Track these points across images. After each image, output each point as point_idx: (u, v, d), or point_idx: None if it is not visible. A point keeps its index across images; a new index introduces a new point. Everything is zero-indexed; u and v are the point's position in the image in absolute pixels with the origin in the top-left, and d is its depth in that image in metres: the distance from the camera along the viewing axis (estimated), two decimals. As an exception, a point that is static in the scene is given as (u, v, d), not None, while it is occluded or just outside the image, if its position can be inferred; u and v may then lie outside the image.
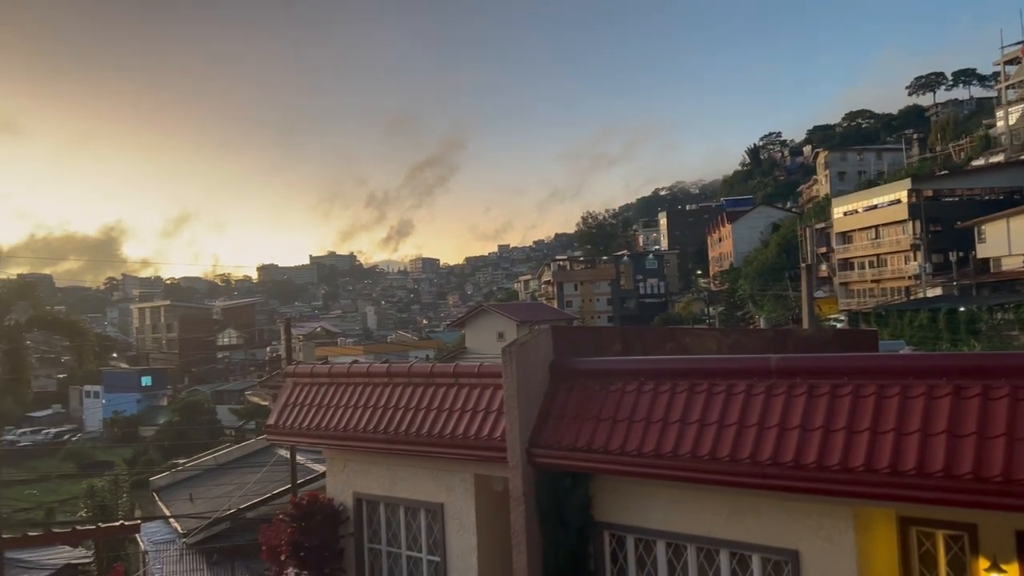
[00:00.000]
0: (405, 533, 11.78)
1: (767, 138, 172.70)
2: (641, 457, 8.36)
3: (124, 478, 40.47)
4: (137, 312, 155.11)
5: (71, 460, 65.85)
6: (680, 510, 8.54)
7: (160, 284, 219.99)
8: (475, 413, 10.41)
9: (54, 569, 22.64)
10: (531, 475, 9.37)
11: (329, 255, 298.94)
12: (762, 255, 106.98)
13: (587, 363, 9.69)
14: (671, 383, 8.61)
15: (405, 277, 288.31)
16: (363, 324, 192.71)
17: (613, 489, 9.12)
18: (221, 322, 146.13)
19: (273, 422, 13.29)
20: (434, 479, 11.21)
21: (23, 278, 17.43)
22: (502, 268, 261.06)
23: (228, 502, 21.67)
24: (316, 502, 12.60)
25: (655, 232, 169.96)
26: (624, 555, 9.17)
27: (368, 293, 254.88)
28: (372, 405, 11.73)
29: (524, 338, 9.93)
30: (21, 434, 75.59)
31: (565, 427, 9.19)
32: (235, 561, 19.83)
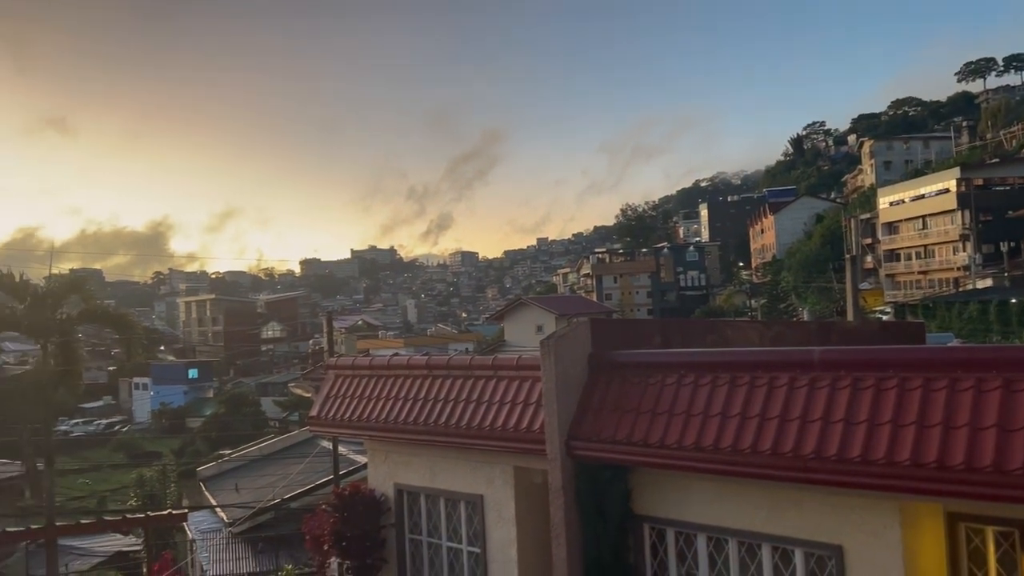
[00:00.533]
0: (445, 524, 11.88)
1: (810, 127, 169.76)
2: (681, 450, 8.31)
3: (172, 468, 41.41)
4: (184, 306, 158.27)
5: (121, 450, 67.51)
6: (721, 504, 8.47)
7: (206, 278, 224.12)
8: (514, 405, 10.44)
9: (106, 556, 23.31)
10: (570, 467, 9.37)
11: (370, 249, 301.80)
12: (805, 246, 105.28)
13: (626, 356, 9.64)
14: (712, 376, 8.53)
15: (444, 271, 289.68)
16: (403, 317, 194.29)
17: (653, 482, 9.08)
18: (265, 315, 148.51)
19: (315, 414, 13.48)
20: (473, 471, 11.28)
21: (74, 273, 17.94)
22: (541, 261, 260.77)
23: (272, 492, 22.03)
24: (358, 493, 12.77)
25: (696, 224, 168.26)
26: (664, 548, 9.13)
27: (408, 287, 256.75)
28: (412, 397, 11.83)
29: (563, 331, 9.92)
30: (74, 424, 77.72)
31: (604, 420, 9.16)
32: (279, 550, 20.17)
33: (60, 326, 13.20)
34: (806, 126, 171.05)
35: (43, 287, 13.50)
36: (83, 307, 14.17)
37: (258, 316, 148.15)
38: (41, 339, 13.26)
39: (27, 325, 13.31)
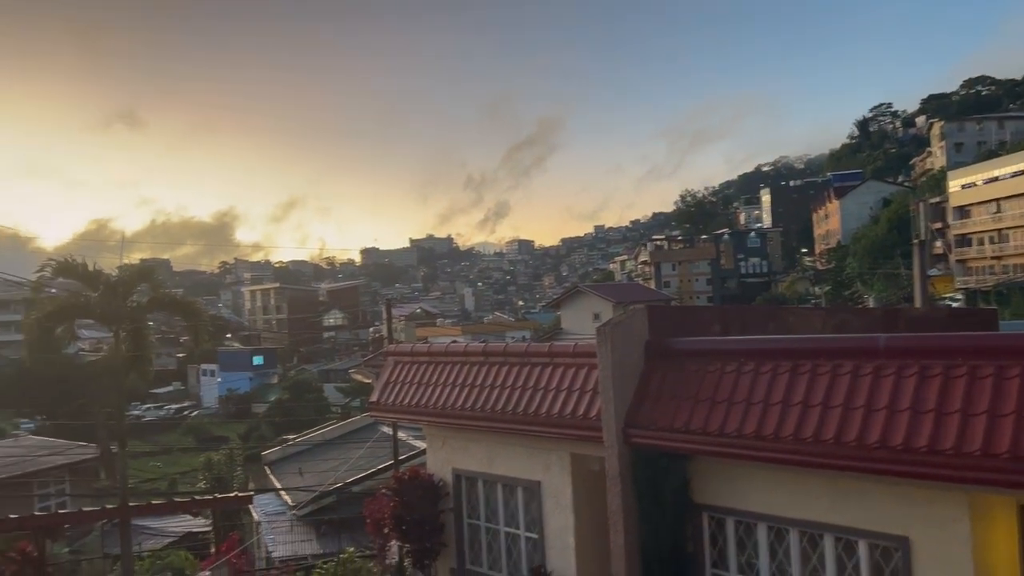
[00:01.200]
0: (503, 510, 11.96)
1: (877, 109, 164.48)
2: (741, 438, 8.19)
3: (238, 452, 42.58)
4: (249, 294, 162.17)
5: (190, 434, 69.77)
6: (782, 493, 8.34)
7: (270, 268, 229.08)
8: (570, 392, 10.44)
9: (176, 536, 24.13)
10: (627, 455, 9.33)
11: (428, 238, 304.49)
12: (872, 232, 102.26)
13: (684, 343, 9.54)
14: (773, 363, 8.38)
15: (501, 259, 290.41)
16: (461, 305, 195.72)
17: (712, 471, 8.98)
18: (327, 304, 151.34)
19: (376, 399, 13.70)
20: (530, 457, 11.32)
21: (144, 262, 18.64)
22: (598, 249, 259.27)
23: (334, 476, 22.49)
24: (417, 477, 12.95)
25: (757, 209, 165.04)
26: (724, 537, 9.03)
27: (465, 275, 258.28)
28: (469, 384, 11.92)
29: (619, 318, 9.86)
30: (145, 409, 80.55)
31: (662, 407, 9.09)
32: (341, 533, 20.58)
33: (131, 314, 13.67)
34: (872, 108, 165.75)
35: (115, 276, 13.99)
36: (153, 295, 14.66)
37: (320, 304, 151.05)
38: (113, 326, 13.75)
39: (100, 313, 13.82)
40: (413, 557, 12.78)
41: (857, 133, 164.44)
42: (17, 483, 23.82)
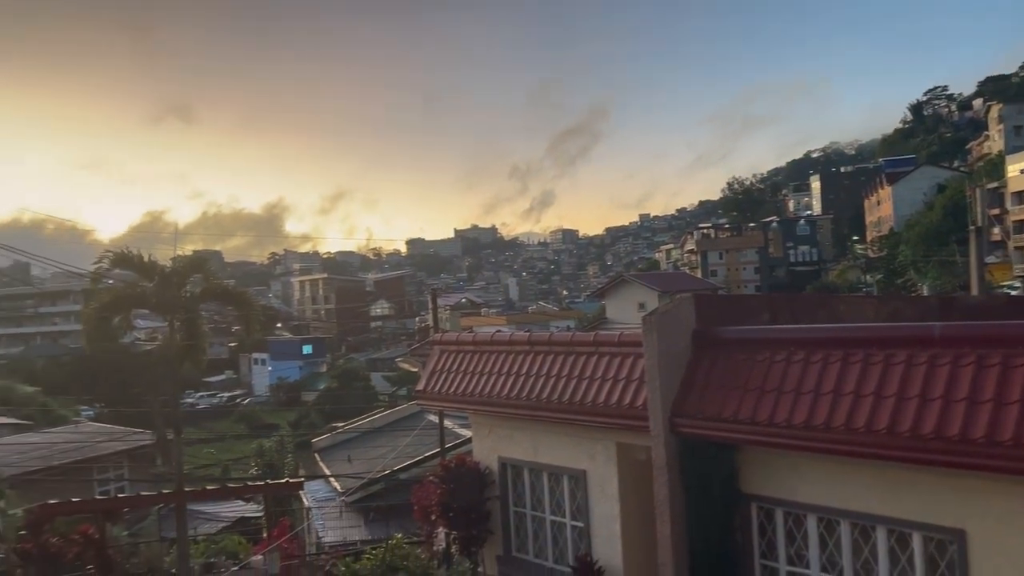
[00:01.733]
0: (549, 498, 12.00)
1: (932, 92, 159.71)
2: (790, 429, 8.09)
3: (289, 439, 43.36)
4: (298, 285, 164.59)
5: (243, 422, 71.24)
6: (833, 484, 8.21)
7: (318, 258, 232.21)
8: (616, 381, 10.41)
9: (229, 521, 24.71)
10: (674, 445, 9.28)
11: (472, 228, 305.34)
12: (926, 218, 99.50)
13: (732, 332, 9.43)
14: (823, 352, 8.25)
15: (545, 248, 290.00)
16: (505, 295, 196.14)
17: (761, 461, 8.88)
18: (374, 294, 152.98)
19: (422, 388, 13.84)
20: (576, 446, 11.33)
21: (197, 253, 19.05)
22: (643, 238, 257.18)
23: (382, 463, 22.77)
24: (463, 465, 13.05)
25: (807, 196, 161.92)
26: (773, 528, 8.94)
27: (510, 265, 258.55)
28: (515, 372, 11.97)
29: (666, 306, 9.79)
30: (199, 397, 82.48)
31: (709, 397, 9.02)
32: (390, 519, 20.85)
33: (185, 304, 14.01)
34: (927, 91, 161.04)
35: (169, 267, 14.35)
36: (206, 286, 15.00)
37: (367, 294, 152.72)
38: (168, 316, 14.13)
39: (155, 303, 14.20)
40: (460, 544, 12.91)
41: (910, 117, 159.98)
42: (78, 468, 24.63)
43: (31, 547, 13.07)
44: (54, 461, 24.09)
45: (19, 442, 27.75)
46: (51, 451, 25.50)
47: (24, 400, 50.11)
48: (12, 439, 28.87)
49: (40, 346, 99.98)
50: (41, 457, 24.43)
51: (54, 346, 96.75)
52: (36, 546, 13.10)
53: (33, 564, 13.14)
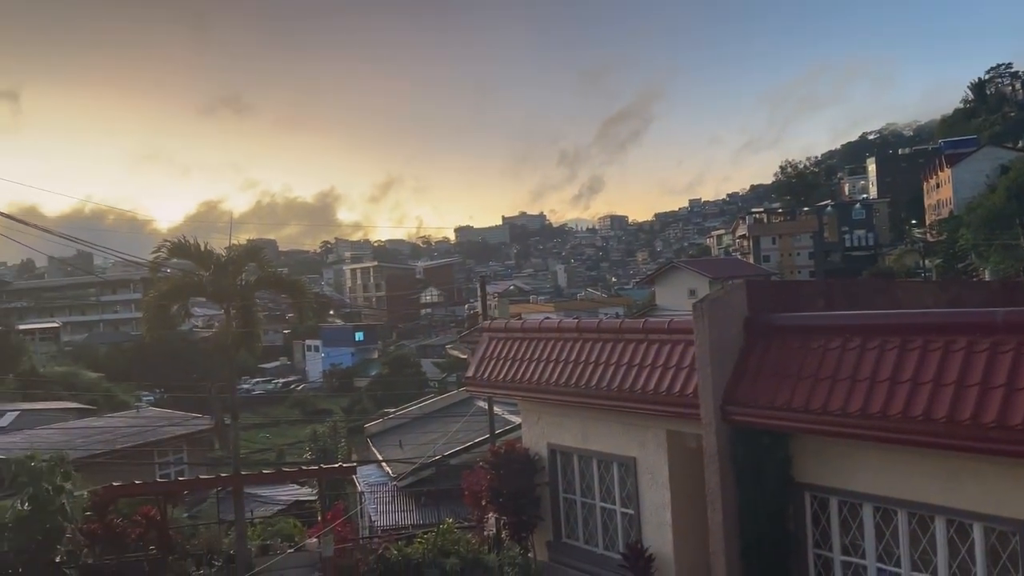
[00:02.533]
0: (599, 485, 12.00)
1: (995, 71, 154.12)
2: (846, 417, 7.95)
3: (342, 424, 44.09)
4: (349, 273, 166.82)
5: (297, 407, 72.61)
6: (889, 473, 8.05)
7: (369, 247, 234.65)
8: (666, 369, 10.34)
9: (285, 504, 25.25)
10: (726, 433, 9.19)
11: (520, 215, 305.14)
12: (988, 201, 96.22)
13: (786, 319, 9.29)
14: (880, 339, 8.07)
15: (594, 235, 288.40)
16: (553, 282, 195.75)
17: (815, 449, 8.75)
18: (423, 281, 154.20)
19: (471, 374, 13.93)
20: (626, 433, 11.30)
21: (251, 242, 19.44)
22: (693, 223, 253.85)
23: (433, 449, 23.01)
24: (513, 451, 13.13)
25: (863, 180, 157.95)
26: (827, 517, 8.81)
27: (558, 252, 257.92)
28: (563, 359, 11.97)
29: (717, 293, 9.69)
30: (255, 383, 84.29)
31: (762, 385, 8.90)
32: (441, 504, 21.08)
33: (241, 292, 14.32)
34: (989, 69, 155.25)
35: (225, 256, 14.66)
36: (260, 274, 15.30)
37: (417, 282, 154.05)
38: (224, 304, 14.45)
39: (212, 291, 14.53)
40: (510, 529, 13.00)
41: (972, 97, 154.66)
42: (140, 452, 25.43)
43: (97, 527, 13.54)
44: (117, 445, 24.92)
45: (84, 426, 28.75)
46: (114, 435, 26.39)
47: (88, 385, 51.93)
48: (78, 423, 29.93)
49: (103, 333, 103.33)
50: (105, 441, 25.29)
51: (116, 333, 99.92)
52: (101, 526, 13.56)
53: (99, 543, 13.61)
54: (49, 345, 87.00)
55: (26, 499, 12.79)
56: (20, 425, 29.59)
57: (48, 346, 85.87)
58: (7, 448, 21.14)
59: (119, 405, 44.93)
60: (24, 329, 77.79)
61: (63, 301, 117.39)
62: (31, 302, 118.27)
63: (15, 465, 13.15)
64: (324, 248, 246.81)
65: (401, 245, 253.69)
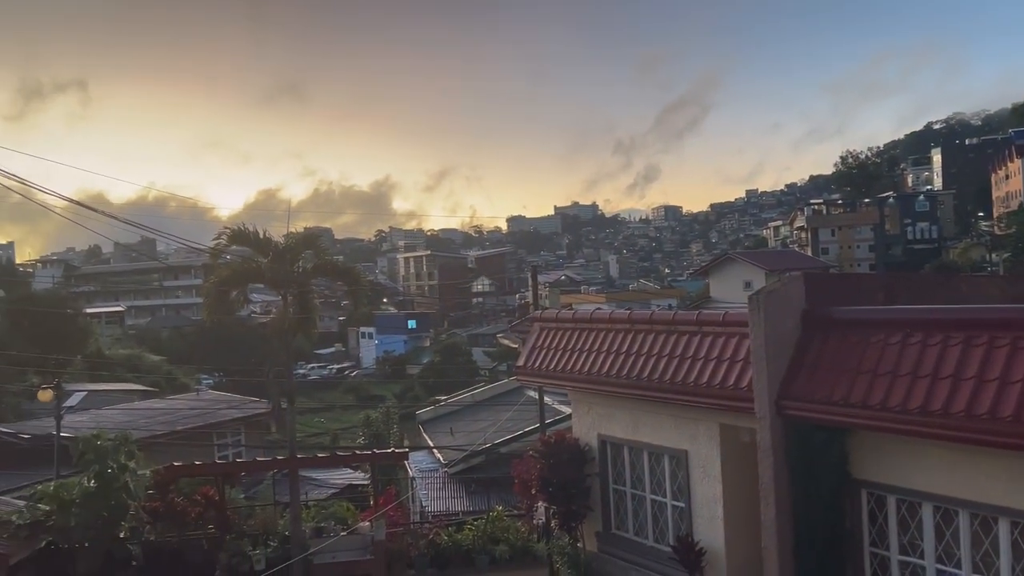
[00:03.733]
0: (649, 477, 11.94)
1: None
2: (905, 414, 7.75)
3: (394, 411, 44.61)
4: (403, 261, 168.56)
5: (351, 393, 73.74)
6: (951, 472, 7.84)
7: (422, 235, 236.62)
8: (720, 362, 10.21)
9: (338, 488, 25.71)
10: (780, 427, 9.05)
11: (573, 205, 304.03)
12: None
13: (845, 312, 9.09)
14: (943, 335, 7.85)
15: (647, 226, 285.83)
16: (605, 273, 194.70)
17: (873, 446, 8.56)
18: (475, 270, 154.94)
19: (522, 364, 13.96)
20: (677, 426, 11.21)
21: (308, 230, 19.77)
22: (750, 214, 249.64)
23: (483, 437, 23.17)
24: (563, 441, 13.13)
25: (927, 171, 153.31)
26: (884, 516, 8.62)
27: (610, 242, 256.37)
28: (615, 351, 11.91)
29: (774, 285, 9.52)
30: (310, 368, 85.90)
31: (819, 379, 8.74)
32: (490, 491, 21.23)
33: (298, 279, 14.59)
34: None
35: (282, 243, 14.97)
36: (317, 262, 15.56)
37: (469, 271, 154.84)
38: (281, 290, 14.74)
39: (270, 278, 14.83)
40: (559, 519, 13.02)
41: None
42: (200, 433, 26.16)
43: (158, 505, 13.99)
44: (178, 426, 25.68)
45: (147, 407, 29.71)
46: (175, 417, 27.19)
47: (151, 368, 53.55)
48: (141, 404, 30.93)
49: (165, 318, 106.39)
50: (166, 422, 26.08)
51: (177, 318, 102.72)
52: (163, 504, 14.01)
53: (160, 521, 14.08)
54: (114, 328, 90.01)
55: (93, 476, 13.29)
56: (87, 405, 30.74)
57: (113, 329, 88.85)
58: (75, 427, 21.97)
59: (180, 388, 46.28)
60: (91, 313, 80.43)
61: (128, 286, 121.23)
62: (98, 286, 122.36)
63: (83, 443, 13.67)
64: (378, 237, 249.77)
65: (453, 234, 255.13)
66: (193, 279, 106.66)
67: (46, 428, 23.16)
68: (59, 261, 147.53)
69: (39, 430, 24.11)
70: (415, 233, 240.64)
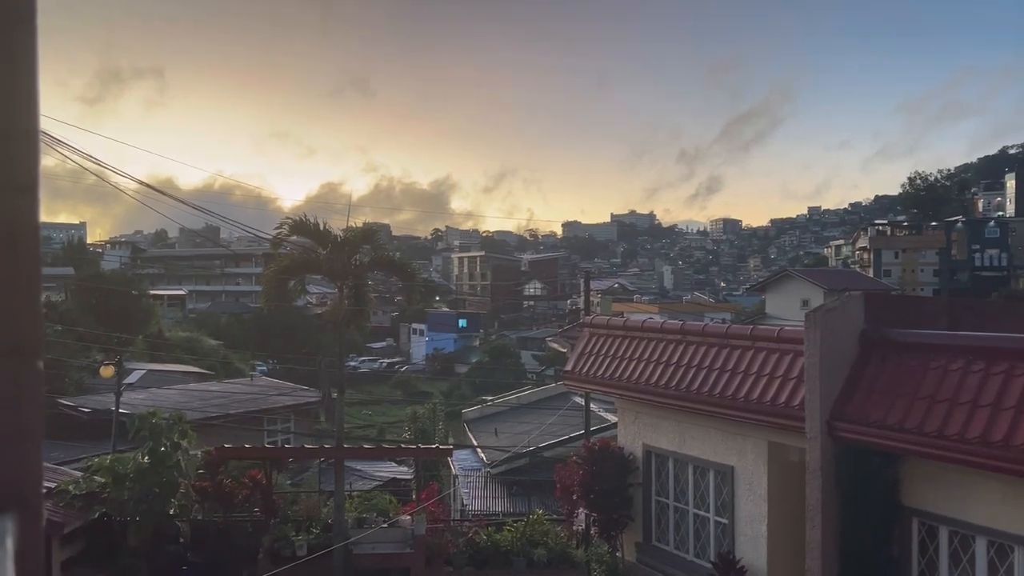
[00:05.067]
0: (693, 491, 11.80)
1: None
2: (963, 443, 7.52)
3: (441, 408, 44.93)
4: (457, 261, 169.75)
5: (399, 388, 74.47)
6: (1009, 507, 7.57)
7: (477, 236, 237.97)
8: (772, 378, 10.05)
9: (382, 481, 26.00)
10: (831, 449, 8.87)
11: (630, 213, 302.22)
12: None
13: (905, 335, 8.86)
14: (1007, 364, 7.59)
15: (704, 238, 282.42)
16: (659, 283, 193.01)
17: (927, 474, 8.33)
18: (528, 273, 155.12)
19: (570, 369, 13.94)
20: (725, 441, 11.07)
21: (367, 225, 20.03)
22: (811, 231, 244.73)
23: (527, 439, 23.17)
24: (607, 449, 13.07)
25: (999, 196, 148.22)
26: (935, 547, 8.38)
27: (666, 253, 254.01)
28: (664, 361, 11.81)
29: (832, 304, 9.34)
30: (361, 361, 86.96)
31: (874, 402, 8.54)
32: (532, 494, 21.21)
33: (354, 271, 14.84)
34: None
35: (341, 236, 15.25)
36: (374, 256, 15.80)
37: (522, 274, 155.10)
38: (338, 282, 15.02)
39: (327, 269, 15.12)
40: (599, 526, 12.97)
41: None
42: (252, 418, 26.75)
43: (208, 485, 14.37)
44: (231, 410, 26.28)
45: (202, 389, 30.46)
46: (228, 400, 27.83)
47: (208, 352, 54.90)
48: (196, 386, 31.73)
49: (225, 303, 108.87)
50: (220, 405, 26.72)
51: (236, 304, 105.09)
52: (212, 485, 14.38)
53: (208, 501, 14.45)
54: (175, 311, 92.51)
55: (147, 453, 13.70)
56: (146, 384, 31.64)
57: (175, 312, 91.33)
58: (133, 404, 22.66)
59: (235, 372, 47.29)
60: (154, 295, 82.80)
61: (191, 270, 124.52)
62: (162, 269, 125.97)
63: (139, 420, 14.11)
64: (434, 235, 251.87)
65: (509, 236, 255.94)
66: (254, 267, 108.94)
67: (106, 404, 23.93)
68: (127, 243, 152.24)
69: (99, 405, 24.90)
70: (471, 233, 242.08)
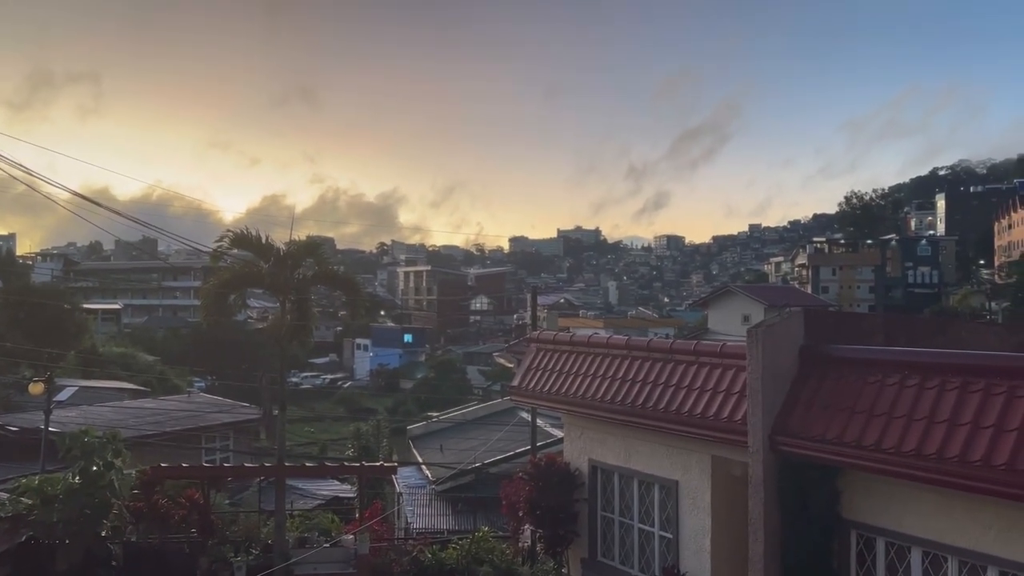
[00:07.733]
0: (638, 506, 11.85)
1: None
2: (899, 456, 7.70)
3: (385, 424, 44.46)
4: (402, 275, 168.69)
5: (342, 404, 73.45)
6: (942, 518, 7.77)
7: (424, 250, 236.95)
8: (715, 393, 10.17)
9: (324, 499, 25.52)
10: (773, 463, 9.00)
11: (576, 229, 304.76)
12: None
13: (843, 351, 9.07)
14: (940, 379, 7.82)
15: (649, 254, 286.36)
16: (604, 298, 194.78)
17: (865, 487, 8.50)
18: (474, 288, 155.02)
19: (516, 384, 13.90)
20: (669, 456, 11.14)
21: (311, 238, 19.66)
22: (752, 248, 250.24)
23: (473, 455, 23.05)
24: (554, 465, 13.05)
25: (930, 216, 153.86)
26: (872, 558, 8.54)
27: (611, 268, 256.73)
28: (610, 376, 11.86)
29: (773, 320, 9.50)
30: (303, 377, 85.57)
31: (814, 416, 8.70)
32: (477, 511, 21.08)
33: (297, 285, 14.59)
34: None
35: (284, 249, 14.99)
36: (318, 270, 15.55)
37: (468, 289, 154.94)
38: (280, 296, 14.74)
39: (269, 283, 14.84)
40: (545, 543, 12.91)
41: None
42: (189, 435, 26.01)
43: (142, 506, 13.88)
44: (167, 427, 25.52)
45: (138, 407, 29.54)
46: (165, 417, 27.04)
47: (144, 367, 53.34)
48: (131, 403, 30.78)
49: (162, 318, 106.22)
50: (155, 423, 25.94)
51: (174, 319, 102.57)
52: (147, 505, 13.89)
53: (143, 522, 13.96)
54: (110, 326, 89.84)
55: (78, 472, 13.18)
56: (77, 401, 30.57)
57: (109, 326, 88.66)
58: (64, 422, 21.84)
59: (172, 389, 46.06)
60: (88, 308, 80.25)
61: (127, 284, 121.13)
62: (96, 283, 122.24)
63: (70, 439, 13.58)
64: (380, 249, 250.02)
65: (455, 251, 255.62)
66: (192, 281, 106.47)
67: (35, 422, 23.02)
68: (59, 255, 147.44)
69: (28, 423, 23.95)
70: (417, 248, 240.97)
